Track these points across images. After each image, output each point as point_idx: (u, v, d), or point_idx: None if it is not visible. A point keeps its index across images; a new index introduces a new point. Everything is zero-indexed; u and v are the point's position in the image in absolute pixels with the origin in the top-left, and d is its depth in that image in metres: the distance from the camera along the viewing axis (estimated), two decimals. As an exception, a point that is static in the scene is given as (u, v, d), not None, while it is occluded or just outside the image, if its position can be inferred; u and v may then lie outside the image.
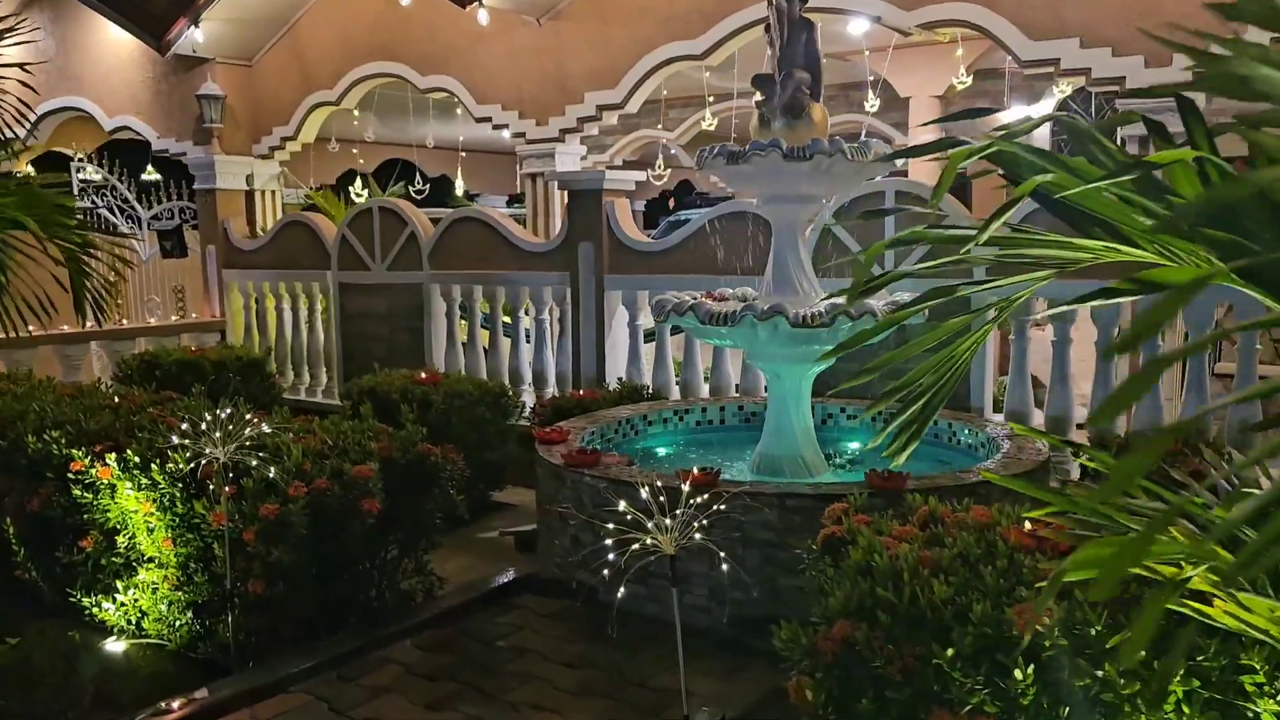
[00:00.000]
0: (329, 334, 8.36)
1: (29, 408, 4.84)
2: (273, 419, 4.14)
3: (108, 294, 4.89)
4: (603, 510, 4.06)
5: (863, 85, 8.98)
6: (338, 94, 8.64)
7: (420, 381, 6.43)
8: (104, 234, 5.28)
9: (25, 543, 4.41)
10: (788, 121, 4.60)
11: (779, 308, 4.29)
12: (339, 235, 8.14)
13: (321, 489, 3.63)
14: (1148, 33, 1.52)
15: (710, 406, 5.82)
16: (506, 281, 7.25)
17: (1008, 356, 6.07)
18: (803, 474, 4.74)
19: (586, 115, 7.42)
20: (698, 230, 6.52)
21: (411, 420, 4.40)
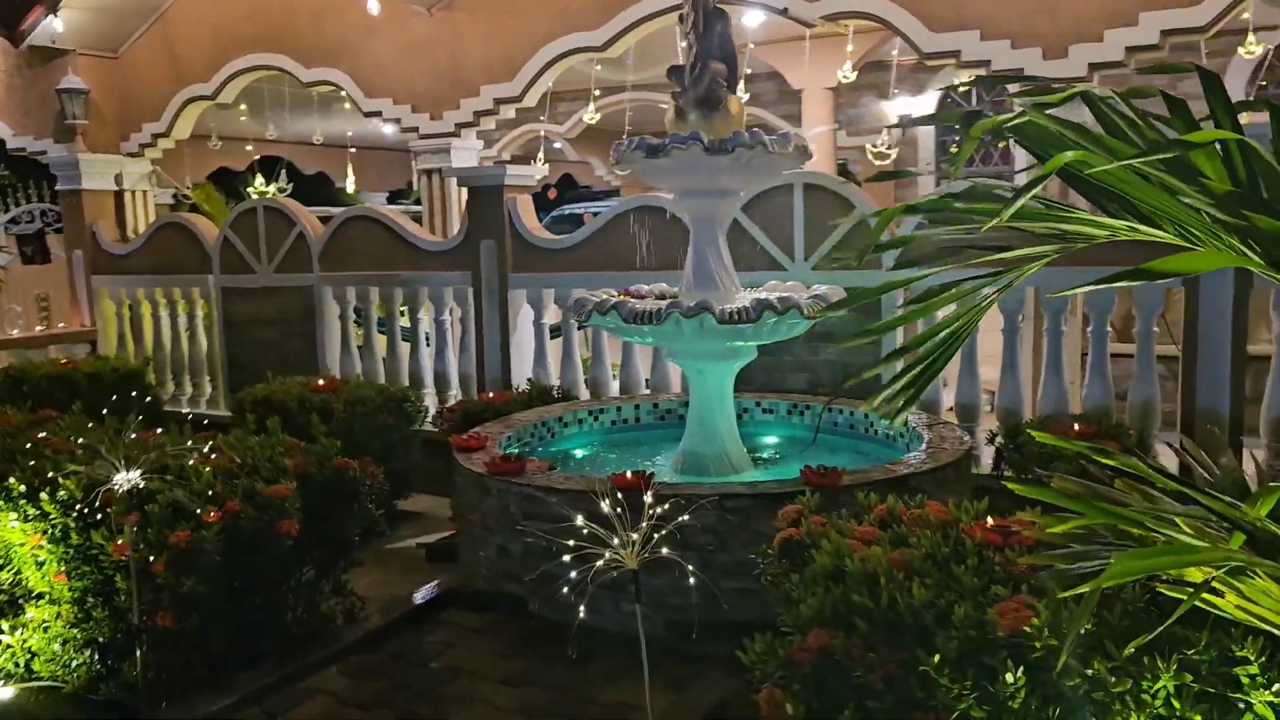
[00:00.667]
0: (212, 341, 7.92)
1: (-113, 434, 4.39)
2: (174, 436, 3.84)
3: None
4: (558, 525, 3.92)
5: (757, 77, 9.01)
6: (213, 87, 8.18)
7: (319, 389, 6.13)
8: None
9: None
10: (704, 114, 4.52)
11: (705, 304, 4.21)
12: (221, 237, 7.71)
13: (235, 512, 3.38)
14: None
15: (625, 405, 5.71)
16: (404, 282, 6.99)
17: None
18: (728, 471, 4.68)
19: (483, 109, 7.21)
20: (605, 226, 6.40)
21: (324, 433, 4.15)
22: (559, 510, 3.92)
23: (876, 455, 5.04)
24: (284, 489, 3.47)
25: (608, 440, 5.58)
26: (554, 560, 3.98)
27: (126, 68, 8.60)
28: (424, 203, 7.65)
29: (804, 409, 5.56)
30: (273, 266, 7.50)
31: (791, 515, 2.96)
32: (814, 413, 5.50)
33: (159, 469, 3.38)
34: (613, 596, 3.88)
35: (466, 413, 5.70)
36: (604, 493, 3.85)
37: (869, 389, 5.78)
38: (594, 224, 6.47)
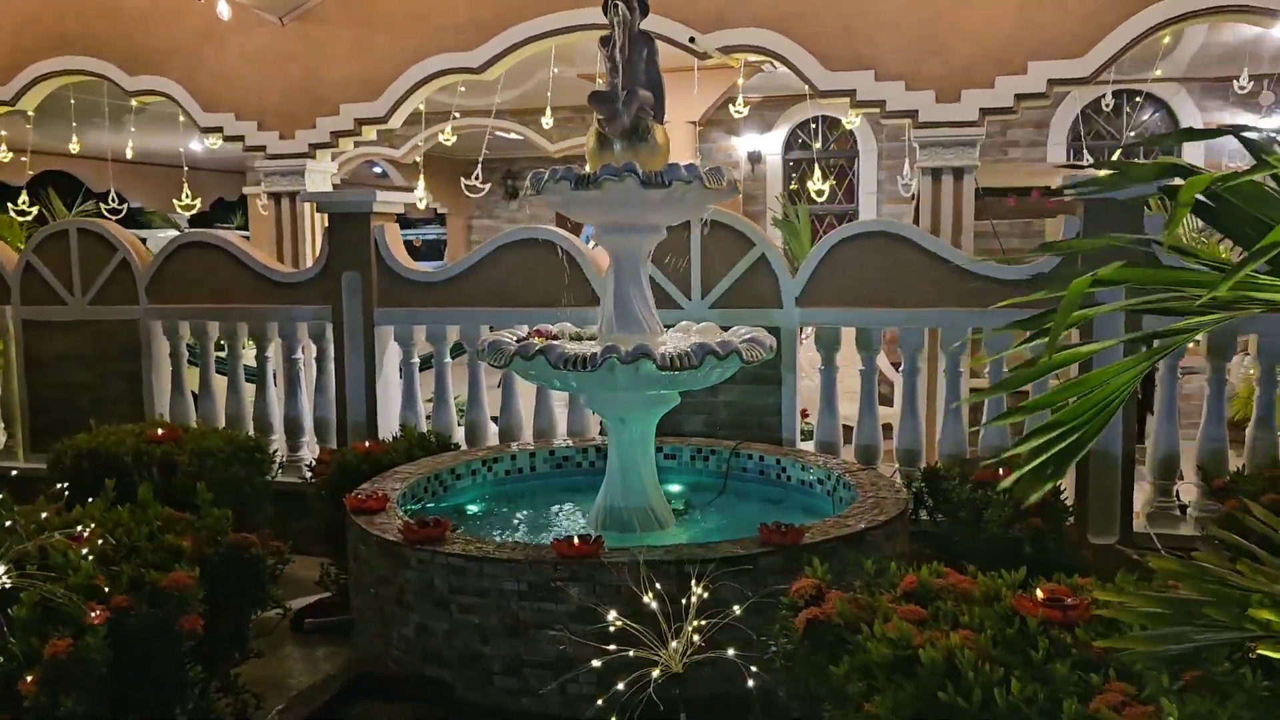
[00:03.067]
0: (10, 382, 6.86)
1: None
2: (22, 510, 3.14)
3: None
4: (489, 599, 3.45)
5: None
6: (12, 92, 7.17)
7: (157, 439, 5.36)
8: None
9: None
10: (631, 144, 4.22)
11: (644, 349, 3.88)
12: (21, 262, 6.71)
13: (122, 609, 2.75)
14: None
15: (520, 454, 5.28)
16: (250, 316, 6.27)
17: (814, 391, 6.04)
18: (654, 528, 4.36)
19: (342, 129, 6.61)
20: (483, 259, 5.96)
21: (209, 500, 3.52)
22: (492, 584, 3.51)
23: (799, 504, 4.84)
24: (185, 577, 2.86)
25: (504, 493, 5.13)
26: (489, 638, 3.55)
27: (-101, 64, 7.42)
28: (274, 229, 6.93)
29: (708, 454, 5.31)
30: (88, 298, 6.58)
31: (808, 591, 2.67)
32: (719, 457, 5.26)
33: (19, 558, 2.71)
34: (555, 677, 3.49)
35: (342, 465, 5.10)
36: (536, 561, 3.46)
37: (770, 432, 5.65)
38: (471, 256, 6.02)
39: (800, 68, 5.75)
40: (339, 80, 6.61)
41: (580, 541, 3.47)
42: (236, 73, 6.77)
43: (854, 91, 5.73)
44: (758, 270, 5.48)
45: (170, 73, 6.86)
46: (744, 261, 5.48)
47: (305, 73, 6.67)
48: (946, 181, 5.71)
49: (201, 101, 6.84)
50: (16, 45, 7.14)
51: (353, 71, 6.56)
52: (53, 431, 6.66)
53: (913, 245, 5.30)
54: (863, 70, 5.68)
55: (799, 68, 5.76)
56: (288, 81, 6.70)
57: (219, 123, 6.84)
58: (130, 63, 6.92)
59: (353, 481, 5.02)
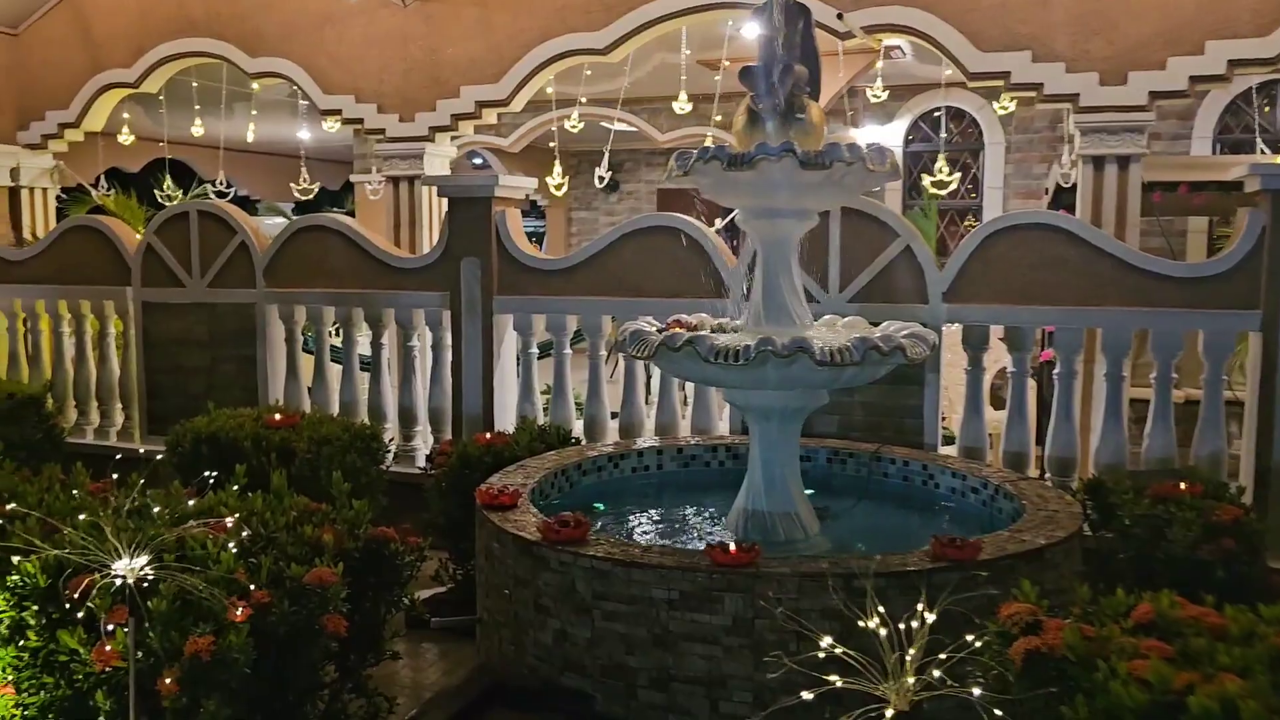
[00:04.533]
0: (128, 364, 6.87)
1: None
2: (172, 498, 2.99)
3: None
4: (638, 607, 3.21)
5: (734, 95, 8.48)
6: (137, 74, 7.17)
7: (275, 424, 5.24)
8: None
9: None
10: (784, 122, 3.92)
11: (802, 343, 3.58)
12: (144, 244, 6.70)
13: (263, 605, 2.56)
14: None
15: (647, 451, 5.02)
16: (366, 302, 6.14)
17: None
18: (798, 535, 4.07)
19: (462, 112, 6.44)
20: (607, 247, 5.73)
21: (346, 492, 3.33)
22: (640, 591, 3.25)
23: (949, 514, 4.50)
24: (329, 574, 2.66)
25: (630, 491, 4.88)
26: (634, 649, 3.30)
27: (29, 47, 7.49)
28: (390, 214, 6.79)
29: (846, 456, 4.99)
30: (206, 280, 6.53)
31: (1023, 617, 2.34)
32: (858, 461, 4.93)
33: (163, 549, 2.53)
34: (708, 694, 3.22)
35: (463, 456, 4.92)
36: (704, 569, 3.20)
37: (909, 436, 5.30)
38: (595, 244, 5.79)
39: (949, 48, 5.38)
40: (460, 62, 6.43)
41: (737, 549, 3.20)
42: (357, 54, 6.64)
43: (1008, 74, 5.33)
44: (901, 263, 5.14)
45: (291, 54, 6.77)
46: (887, 253, 5.15)
47: (426, 54, 6.52)
48: (1110, 171, 5.29)
49: (321, 84, 6.74)
50: (142, 28, 7.14)
51: (474, 52, 6.39)
52: (168, 414, 6.65)
53: (1073, 238, 4.91)
54: (1018, 51, 5.28)
55: (948, 48, 5.38)
56: (408, 63, 6.55)
57: (338, 105, 6.73)
58: (251, 44, 6.85)
59: (473, 474, 4.84)
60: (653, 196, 15.89)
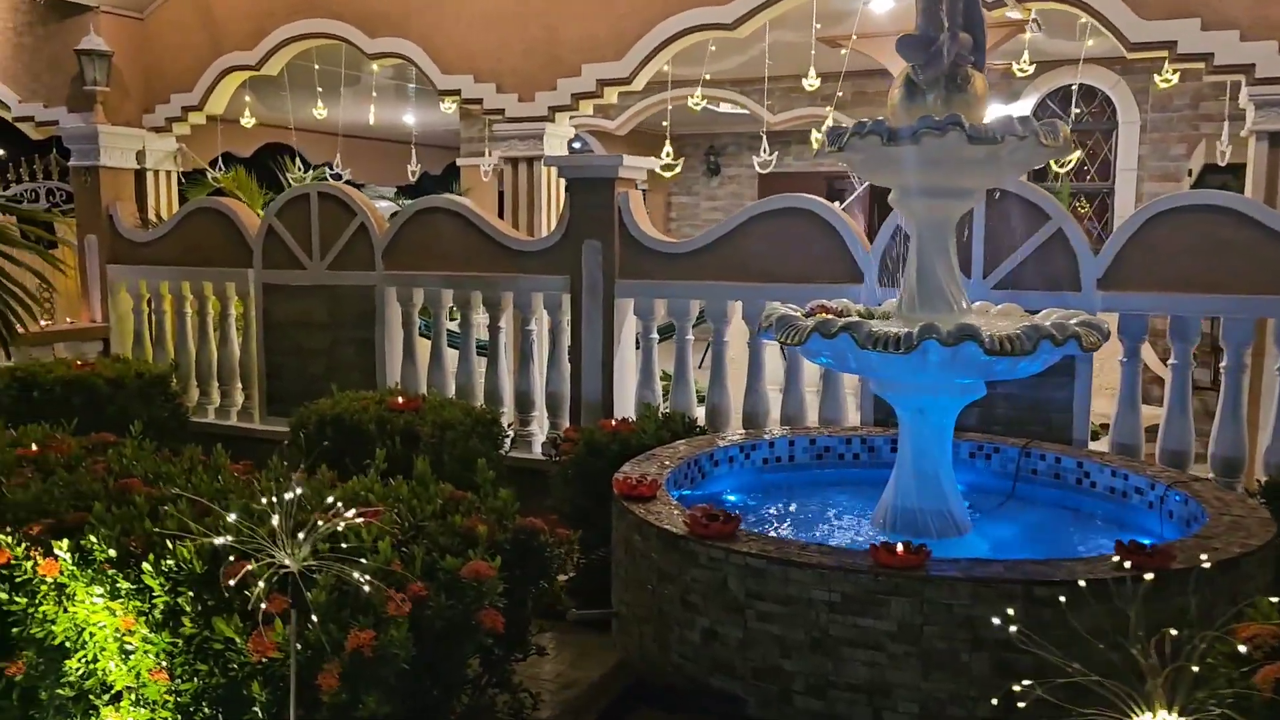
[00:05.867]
0: (249, 345, 6.92)
1: (-99, 460, 3.41)
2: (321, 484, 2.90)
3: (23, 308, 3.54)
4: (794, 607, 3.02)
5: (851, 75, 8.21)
6: (258, 57, 7.20)
7: (397, 408, 5.19)
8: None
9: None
10: (947, 94, 3.68)
11: (969, 330, 3.34)
12: (265, 226, 6.72)
13: (420, 599, 2.45)
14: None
15: (779, 441, 4.82)
16: (485, 285, 6.05)
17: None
18: (950, 533, 3.83)
19: (583, 91, 6.30)
20: (733, 230, 5.54)
21: (491, 480, 3.21)
22: (798, 591, 3.06)
23: (1107, 515, 4.21)
24: (486, 567, 2.54)
25: (762, 483, 4.69)
26: (790, 652, 3.12)
27: (154, 30, 7.58)
28: (507, 194, 6.70)
29: (990, 451, 4.71)
30: (326, 262, 6.53)
31: (1265, 640, 2.09)
32: (1004, 456, 4.66)
33: (323, 537, 2.43)
34: (870, 703, 3.02)
35: (590, 443, 4.79)
36: (868, 570, 3.00)
37: (1056, 430, 5.00)
38: (721, 227, 5.60)
39: (1108, 16, 5.03)
40: (581, 39, 6.29)
41: (905, 550, 2.99)
42: (476, 33, 6.55)
43: (1174, 44, 4.96)
44: (1053, 248, 4.84)
45: (410, 34, 6.71)
46: (1037, 237, 4.85)
47: (546, 32, 6.39)
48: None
49: (440, 63, 6.66)
50: (262, 10, 7.16)
51: (596, 30, 6.23)
52: (287, 395, 6.68)
53: (1244, 220, 4.55)
54: (1187, 18, 4.91)
55: (1106, 16, 5.04)
56: (528, 42, 6.43)
57: (457, 85, 6.64)
58: (371, 24, 6.81)
59: (599, 461, 4.71)
60: (754, 181, 15.61)
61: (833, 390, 5.32)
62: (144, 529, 2.72)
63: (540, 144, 6.47)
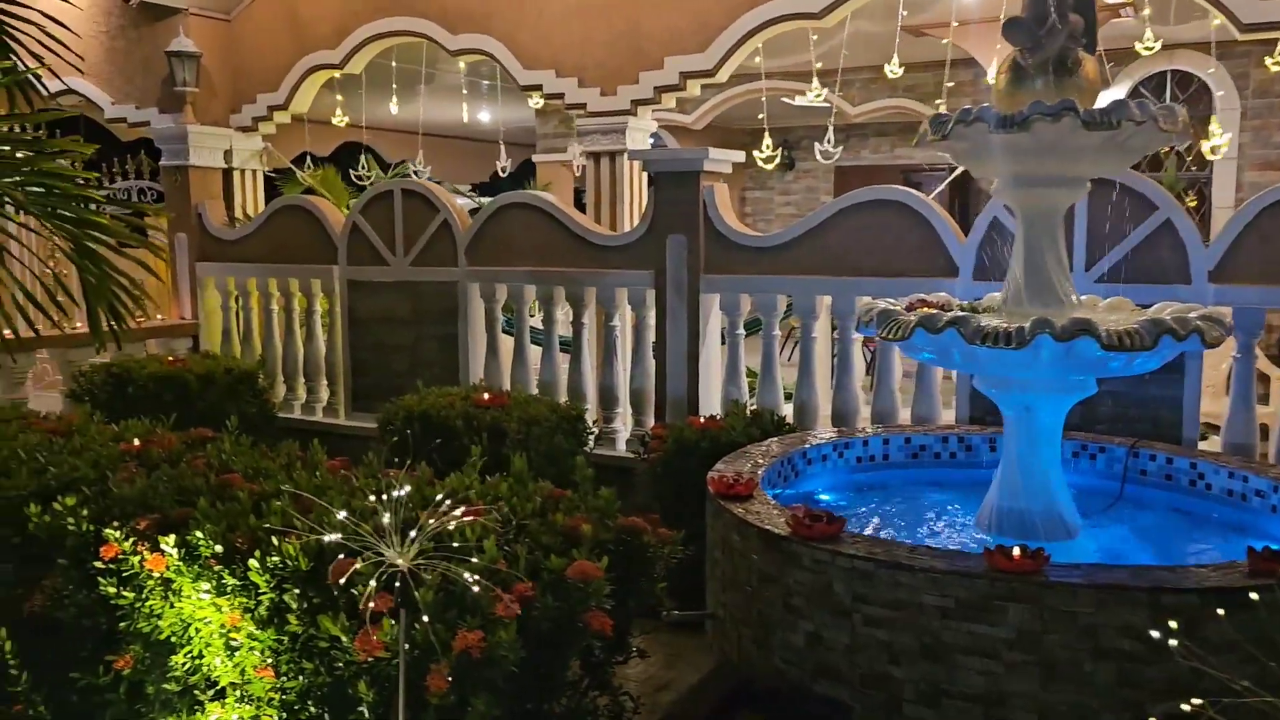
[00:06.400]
0: (334, 341, 6.98)
1: (12, 454, 3.46)
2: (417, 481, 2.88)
3: (132, 300, 3.58)
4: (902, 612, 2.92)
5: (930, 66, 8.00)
6: (342, 55, 7.26)
7: (484, 404, 5.17)
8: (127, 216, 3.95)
9: (25, 658, 3.04)
10: (1056, 78, 3.53)
11: (1085, 325, 3.20)
12: (349, 223, 6.78)
13: (528, 598, 2.40)
14: None
15: (873, 439, 4.70)
16: (568, 280, 6.02)
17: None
18: (1059, 536, 3.68)
19: (666, 84, 6.23)
20: (821, 223, 5.42)
21: (591, 478, 3.16)
22: (908, 596, 2.95)
23: (1225, 519, 4.02)
24: (593, 568, 2.48)
25: (855, 482, 4.58)
26: (900, 658, 3.02)
27: (240, 31, 7.70)
28: (589, 189, 6.66)
29: (1095, 451, 4.53)
30: (409, 259, 6.55)
31: None
32: (1110, 456, 4.48)
33: (431, 537, 2.40)
34: (985, 713, 2.90)
35: (679, 441, 4.73)
36: (983, 574, 2.88)
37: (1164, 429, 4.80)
38: (808, 220, 5.49)
39: (1224, 1, 4.80)
40: (664, 31, 6.22)
41: (1022, 554, 2.86)
42: (558, 27, 6.51)
43: (1290, 23, 4.72)
44: (1160, 239, 4.64)
45: (491, 30, 6.71)
46: (1143, 228, 4.65)
47: (629, 24, 6.33)
48: None
49: (522, 59, 6.64)
50: (346, 9, 7.22)
51: (679, 21, 6.15)
52: (371, 391, 6.74)
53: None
54: (1304, -2, 4.67)
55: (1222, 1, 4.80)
56: (610, 34, 6.38)
57: (538, 80, 6.62)
58: (452, 21, 6.82)
59: (688, 459, 4.65)
60: (830, 175, 15.39)
61: (925, 387, 5.18)
62: (248, 525, 2.71)
63: (622, 138, 6.42)
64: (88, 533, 2.94)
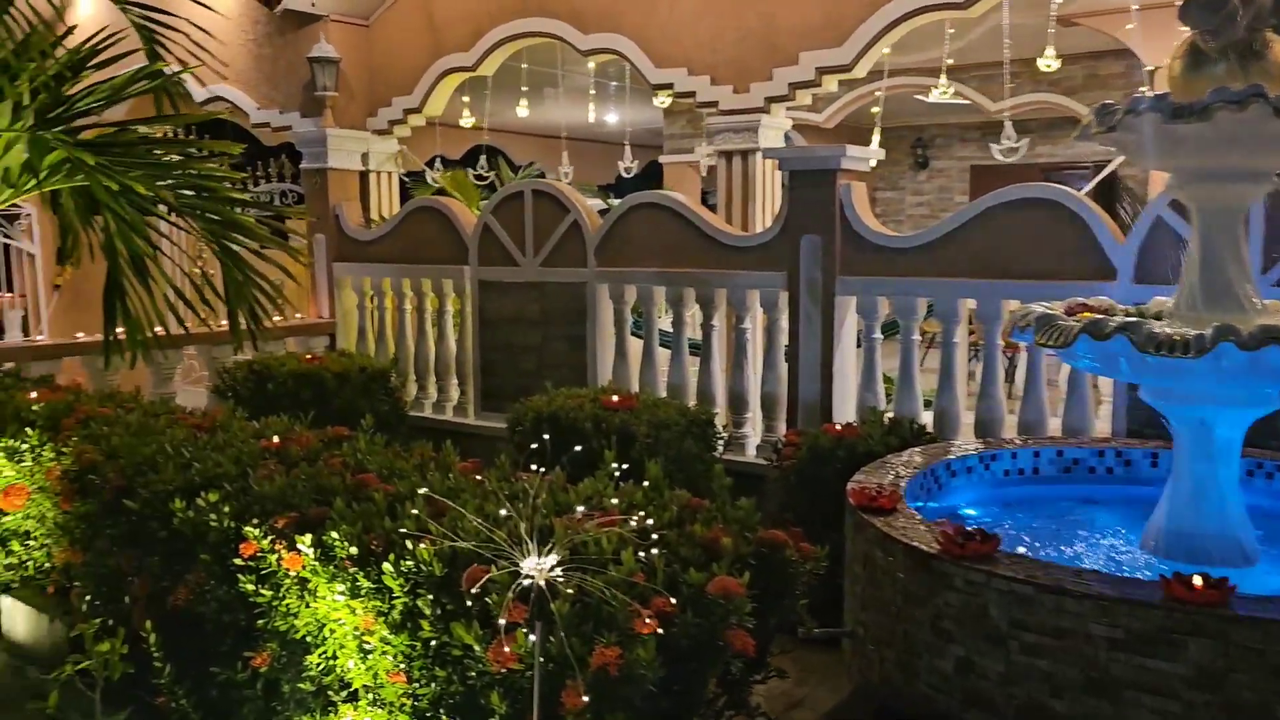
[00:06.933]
0: (464, 341, 7.04)
1: (160, 448, 3.55)
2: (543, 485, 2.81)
3: (270, 301, 3.63)
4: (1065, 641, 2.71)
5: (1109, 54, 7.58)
6: (475, 58, 7.32)
7: (612, 406, 5.10)
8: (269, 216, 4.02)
9: (169, 652, 3.09)
10: (1240, 63, 3.23)
11: (1276, 334, 2.90)
12: (480, 224, 6.83)
13: (667, 614, 2.29)
14: None
15: (1022, 452, 4.43)
16: (698, 281, 5.90)
17: None
18: (1235, 562, 3.37)
19: (800, 80, 6.05)
20: (966, 223, 5.16)
21: (727, 487, 3.04)
22: (1073, 624, 2.73)
23: None
24: (735, 584, 2.36)
25: (1002, 497, 4.31)
26: (1062, 691, 2.79)
27: (378, 36, 7.85)
28: (720, 189, 6.53)
29: (1273, 469, 4.16)
30: (539, 259, 6.55)
31: None
32: (1294, 476, 4.10)
33: (573, 547, 2.31)
34: (1160, 757, 2.65)
35: (814, 449, 4.56)
36: (1159, 603, 2.63)
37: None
38: (952, 219, 5.24)
39: None
40: (799, 26, 6.04)
41: (1204, 583, 2.60)
42: (690, 24, 6.41)
43: None
44: (1353, 238, 4.23)
45: (622, 28, 6.65)
46: (1336, 226, 4.26)
47: (762, 19, 6.17)
48: None
49: (653, 57, 6.56)
50: (478, 11, 7.28)
51: (815, 15, 5.97)
52: (500, 391, 6.77)
53: None
54: None
55: None
56: (743, 31, 6.24)
57: (670, 79, 6.53)
58: (583, 20, 6.79)
59: (824, 468, 4.49)
60: (964, 174, 14.89)
61: (1077, 397, 4.87)
62: (383, 527, 2.69)
63: (755, 137, 6.27)
64: (229, 529, 2.97)
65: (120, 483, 3.44)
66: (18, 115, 3.15)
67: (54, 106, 3.27)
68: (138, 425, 3.99)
